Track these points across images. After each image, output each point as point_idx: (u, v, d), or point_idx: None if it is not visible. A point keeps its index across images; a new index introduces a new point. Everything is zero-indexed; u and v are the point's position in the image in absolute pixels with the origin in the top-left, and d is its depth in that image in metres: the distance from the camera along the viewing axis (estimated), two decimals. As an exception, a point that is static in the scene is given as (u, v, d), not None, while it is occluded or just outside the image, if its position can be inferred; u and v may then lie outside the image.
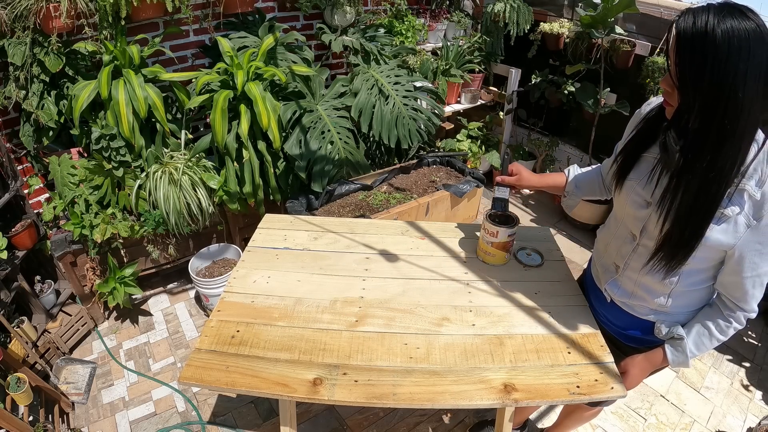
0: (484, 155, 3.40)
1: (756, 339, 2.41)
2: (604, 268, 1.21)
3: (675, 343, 1.08)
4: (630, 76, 2.79)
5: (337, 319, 1.27)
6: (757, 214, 0.89)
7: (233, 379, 1.09)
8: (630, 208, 1.06)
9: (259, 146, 2.26)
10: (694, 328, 1.06)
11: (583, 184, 1.34)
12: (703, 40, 0.77)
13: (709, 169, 0.85)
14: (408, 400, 1.06)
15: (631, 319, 1.17)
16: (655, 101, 1.06)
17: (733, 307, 1.01)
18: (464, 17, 3.34)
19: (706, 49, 0.77)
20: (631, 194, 1.05)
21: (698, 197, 0.88)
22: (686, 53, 0.80)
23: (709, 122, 0.81)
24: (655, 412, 2.00)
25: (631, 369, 1.13)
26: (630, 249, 1.10)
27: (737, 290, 0.98)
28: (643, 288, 1.10)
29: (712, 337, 1.05)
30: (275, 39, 2.36)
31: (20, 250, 2.05)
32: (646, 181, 1.01)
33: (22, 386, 1.64)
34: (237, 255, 2.48)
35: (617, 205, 1.14)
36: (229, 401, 2.01)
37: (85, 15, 1.98)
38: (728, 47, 0.76)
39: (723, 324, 1.03)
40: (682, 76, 0.81)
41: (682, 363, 1.08)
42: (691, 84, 0.81)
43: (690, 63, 0.80)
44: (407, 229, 1.67)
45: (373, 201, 2.51)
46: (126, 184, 2.16)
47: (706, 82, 0.78)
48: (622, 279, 1.15)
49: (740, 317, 1.01)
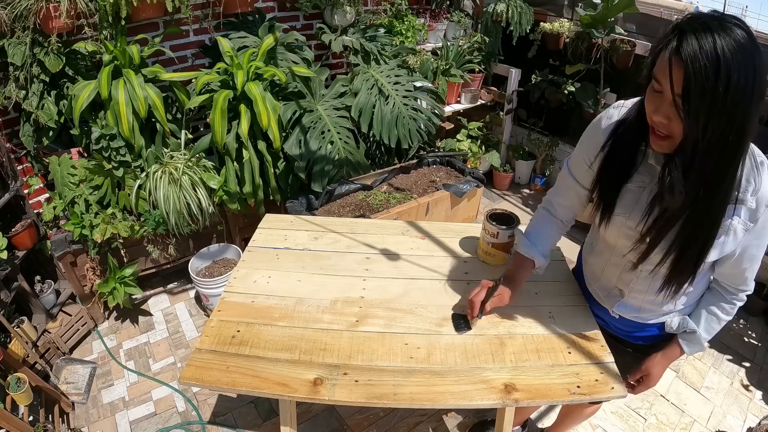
0: (484, 155, 3.40)
1: (756, 339, 2.41)
2: (606, 292, 1.19)
3: (688, 336, 1.10)
4: (630, 76, 2.80)
5: (337, 319, 1.27)
6: (753, 219, 0.89)
7: (233, 379, 1.09)
8: (624, 240, 1.02)
9: (259, 146, 2.26)
10: (702, 316, 1.09)
11: (549, 248, 1.24)
12: (717, 66, 0.69)
13: (714, 196, 0.81)
14: (408, 401, 1.05)
15: (642, 324, 1.18)
16: (615, 114, 0.99)
17: (734, 291, 1.05)
18: (464, 17, 3.34)
19: (721, 74, 0.69)
20: (623, 228, 1.00)
21: (703, 223, 0.86)
22: (699, 82, 0.70)
23: (720, 151, 0.75)
24: (655, 412, 2.00)
25: (653, 370, 1.14)
26: (632, 276, 1.08)
27: (737, 278, 1.02)
28: (650, 303, 1.11)
29: (720, 320, 1.08)
30: (275, 39, 2.36)
31: (20, 250, 2.05)
32: (634, 213, 0.96)
33: (22, 386, 1.64)
34: (237, 255, 2.48)
35: (608, 236, 1.07)
36: (229, 401, 2.00)
37: (85, 15, 1.98)
38: (743, 66, 0.69)
39: (728, 307, 1.07)
40: (695, 106, 0.71)
41: (699, 350, 1.11)
42: (705, 113, 0.71)
43: (702, 92, 0.70)
44: (407, 229, 1.67)
45: (373, 201, 2.51)
46: (126, 184, 2.16)
47: (719, 108, 0.71)
48: (629, 299, 1.14)
49: (741, 297, 1.05)
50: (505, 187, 3.61)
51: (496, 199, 3.51)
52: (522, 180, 3.67)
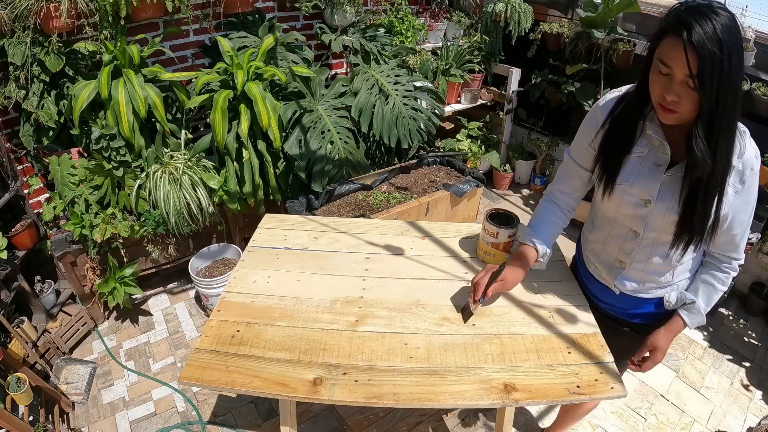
0: (484, 155, 3.40)
1: (756, 339, 2.41)
2: (608, 266, 1.22)
3: (688, 307, 1.14)
4: (630, 76, 2.79)
5: (337, 318, 1.27)
6: (741, 180, 0.98)
7: (233, 379, 1.09)
8: (626, 209, 1.09)
9: (259, 146, 2.26)
10: (699, 288, 1.14)
11: (552, 237, 1.28)
12: (720, 47, 0.81)
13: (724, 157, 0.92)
14: (408, 400, 1.05)
15: (640, 300, 1.21)
16: (610, 95, 1.10)
17: (726, 260, 1.12)
18: (464, 17, 3.34)
19: (723, 53, 0.81)
20: (625, 196, 1.07)
21: (709, 186, 0.94)
22: (707, 61, 0.81)
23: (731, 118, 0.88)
24: (655, 412, 2.00)
25: (658, 343, 1.16)
26: (634, 245, 1.13)
27: (729, 245, 1.09)
28: (651, 273, 1.15)
29: (717, 290, 1.13)
30: (275, 39, 2.36)
31: (20, 250, 2.05)
32: (637, 181, 1.05)
33: (22, 386, 1.64)
34: (237, 255, 2.48)
35: (608, 208, 1.14)
36: (229, 401, 2.01)
37: (85, 15, 1.98)
38: (734, 43, 0.82)
39: (722, 276, 1.12)
40: (708, 82, 0.83)
41: (700, 322, 1.14)
42: (716, 88, 0.83)
43: (712, 69, 0.82)
44: (407, 228, 1.67)
45: (373, 201, 2.51)
46: (126, 184, 2.16)
47: (726, 81, 0.83)
48: (630, 271, 1.18)
49: (734, 265, 1.12)
50: (505, 187, 3.61)
51: (496, 199, 3.51)
52: (522, 180, 3.67)
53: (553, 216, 1.29)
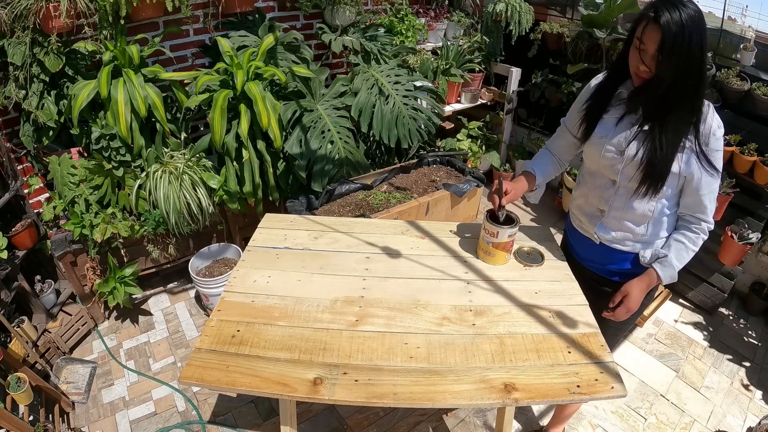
0: (484, 155, 3.39)
1: (756, 339, 2.41)
2: (589, 216, 1.37)
3: (661, 260, 1.26)
4: (630, 76, 2.79)
5: (337, 318, 1.27)
6: (705, 143, 1.15)
7: (233, 379, 1.09)
8: (605, 160, 1.26)
9: (258, 146, 2.26)
10: (672, 245, 1.27)
11: (546, 172, 1.50)
12: (682, 31, 1.01)
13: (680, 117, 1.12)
14: (408, 400, 1.06)
15: (618, 254, 1.34)
16: (599, 77, 1.33)
17: (696, 221, 1.25)
18: (464, 17, 3.34)
19: (685, 37, 1.02)
20: (602, 149, 1.25)
21: (670, 137, 1.14)
22: (669, 42, 1.03)
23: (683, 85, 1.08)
24: (655, 412, 2.00)
25: (631, 290, 1.26)
26: (612, 192, 1.28)
27: (698, 207, 1.23)
28: (627, 221, 1.29)
29: (688, 249, 1.26)
30: (275, 39, 2.36)
31: (20, 249, 2.05)
32: (614, 135, 1.23)
33: (22, 386, 1.64)
34: (237, 254, 2.48)
35: (589, 161, 1.34)
36: (229, 401, 2.01)
37: (84, 15, 1.98)
38: (697, 30, 1.03)
39: (692, 236, 1.26)
40: (667, 58, 1.04)
41: (672, 276, 1.25)
42: (674, 63, 1.05)
43: (673, 48, 1.03)
44: (407, 228, 1.67)
45: (373, 201, 2.51)
46: (126, 184, 2.16)
47: (685, 58, 1.04)
48: (608, 220, 1.32)
49: (704, 227, 1.25)
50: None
51: (496, 198, 3.51)
52: (522, 180, 3.66)
53: (547, 158, 1.52)
